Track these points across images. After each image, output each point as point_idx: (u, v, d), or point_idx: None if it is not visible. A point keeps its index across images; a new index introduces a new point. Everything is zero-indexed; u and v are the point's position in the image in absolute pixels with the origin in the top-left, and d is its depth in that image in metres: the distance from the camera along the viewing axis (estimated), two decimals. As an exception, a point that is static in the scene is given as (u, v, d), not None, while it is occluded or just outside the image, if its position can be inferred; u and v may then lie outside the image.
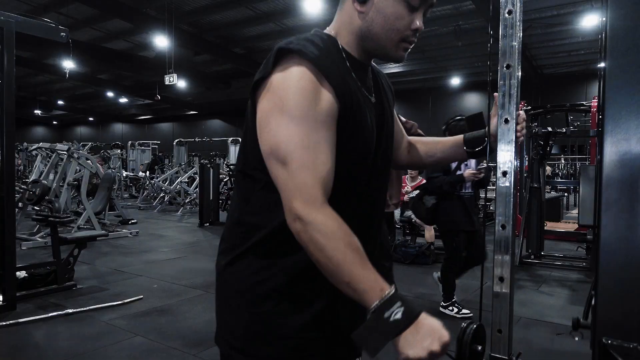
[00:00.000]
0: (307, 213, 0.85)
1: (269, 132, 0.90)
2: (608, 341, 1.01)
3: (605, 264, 1.05)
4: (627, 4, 1.01)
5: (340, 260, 0.83)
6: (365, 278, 0.83)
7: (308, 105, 0.88)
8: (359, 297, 0.83)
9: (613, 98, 1.03)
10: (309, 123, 0.87)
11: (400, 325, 0.79)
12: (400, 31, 0.96)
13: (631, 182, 1.01)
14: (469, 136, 1.25)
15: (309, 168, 0.86)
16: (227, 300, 1.03)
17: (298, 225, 0.86)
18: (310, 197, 0.86)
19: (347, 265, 0.83)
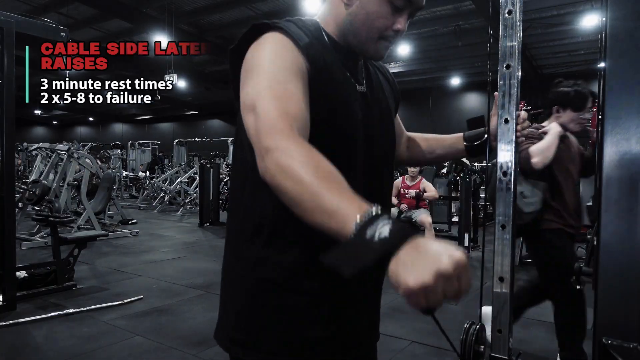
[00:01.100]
0: (274, 143, 0.76)
1: (243, 90, 0.89)
2: (608, 341, 1.01)
3: (605, 264, 1.05)
4: (627, 4, 1.01)
5: (309, 183, 0.70)
6: (340, 199, 0.68)
7: (275, 58, 0.88)
8: (336, 225, 0.66)
9: (613, 98, 1.03)
10: (280, 72, 0.86)
11: (389, 242, 0.61)
12: (380, 30, 0.96)
13: (631, 182, 1.01)
14: (470, 133, 1.26)
15: (278, 110, 0.80)
16: (229, 292, 1.02)
17: (266, 161, 0.76)
18: (277, 130, 0.78)
19: (319, 191, 0.69)
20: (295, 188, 0.71)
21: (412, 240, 0.61)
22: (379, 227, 0.62)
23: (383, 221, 0.63)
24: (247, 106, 0.86)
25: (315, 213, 0.69)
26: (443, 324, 0.81)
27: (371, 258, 0.61)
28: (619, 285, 1.03)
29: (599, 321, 1.05)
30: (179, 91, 20.35)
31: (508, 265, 1.07)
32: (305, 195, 0.70)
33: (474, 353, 0.97)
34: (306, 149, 0.75)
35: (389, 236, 0.61)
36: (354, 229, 0.63)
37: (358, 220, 0.64)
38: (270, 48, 0.89)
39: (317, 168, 0.72)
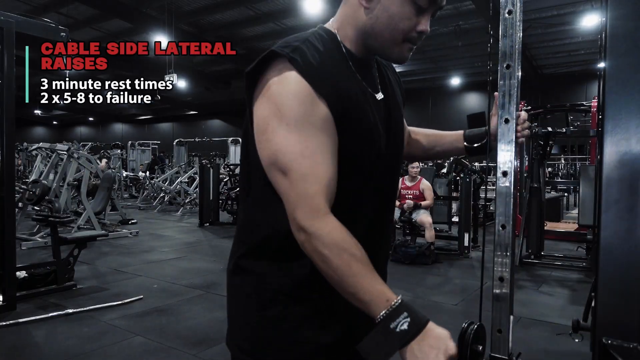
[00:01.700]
0: (310, 224, 0.84)
1: (268, 140, 0.89)
2: (608, 341, 1.01)
3: (605, 264, 1.04)
4: (627, 4, 1.01)
5: (344, 271, 0.83)
6: (370, 289, 0.83)
7: (305, 112, 0.87)
8: (365, 308, 0.83)
9: (613, 98, 1.03)
10: (307, 130, 0.86)
11: (407, 336, 0.80)
12: (404, 32, 0.94)
13: (631, 182, 1.01)
14: (469, 132, 1.25)
15: (309, 177, 0.85)
16: (236, 302, 1.03)
17: (302, 236, 0.86)
18: (312, 208, 0.85)
19: (351, 277, 0.83)
20: (331, 275, 0.84)
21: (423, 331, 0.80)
22: (400, 323, 0.80)
23: (404, 316, 0.81)
24: (275, 163, 0.88)
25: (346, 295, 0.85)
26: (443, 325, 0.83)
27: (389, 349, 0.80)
28: (619, 285, 1.03)
29: (599, 321, 1.05)
30: (179, 91, 20.36)
31: (508, 265, 1.07)
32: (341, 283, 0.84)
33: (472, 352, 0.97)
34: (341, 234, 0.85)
35: (407, 330, 0.80)
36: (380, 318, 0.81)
37: (383, 313, 0.81)
38: (296, 93, 0.87)
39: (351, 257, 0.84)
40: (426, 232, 5.86)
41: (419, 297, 4.25)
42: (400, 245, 5.78)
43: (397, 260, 5.59)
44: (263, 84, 0.90)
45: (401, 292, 4.75)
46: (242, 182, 1.05)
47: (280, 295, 0.95)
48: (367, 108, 0.97)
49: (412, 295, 4.28)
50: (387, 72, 1.11)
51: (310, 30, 0.99)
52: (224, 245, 6.79)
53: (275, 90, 0.88)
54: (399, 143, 1.10)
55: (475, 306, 1.42)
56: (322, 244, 0.84)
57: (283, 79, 0.88)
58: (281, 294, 0.95)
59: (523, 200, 5.98)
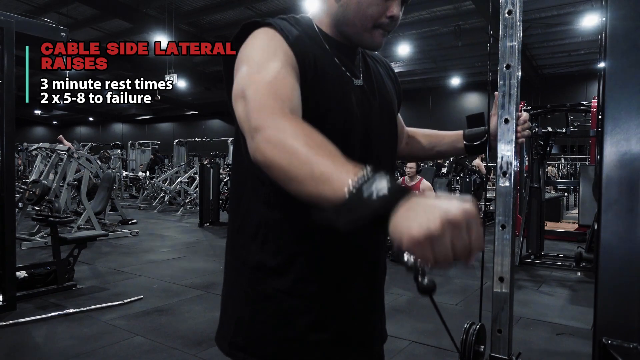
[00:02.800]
0: (263, 121, 0.75)
1: (235, 82, 0.88)
2: (608, 341, 1.01)
3: (605, 264, 1.05)
4: (627, 4, 1.01)
5: (301, 152, 0.67)
6: (335, 165, 0.65)
7: (264, 48, 0.88)
8: (332, 191, 0.62)
9: (613, 98, 1.03)
10: (265, 57, 0.86)
11: (388, 198, 0.58)
12: (374, 18, 0.94)
13: (631, 182, 1.01)
14: (470, 132, 1.26)
15: (266, 87, 0.79)
16: (231, 297, 1.02)
17: (256, 139, 0.74)
18: (268, 108, 0.76)
19: (309, 156, 0.67)
20: (286, 159, 0.68)
21: (413, 196, 0.58)
22: (376, 185, 0.59)
23: (380, 180, 0.60)
24: (236, 95, 0.84)
25: (308, 181, 0.65)
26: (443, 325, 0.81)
27: (369, 213, 0.58)
28: (619, 285, 1.03)
29: (599, 321, 1.05)
30: (179, 91, 20.37)
31: (508, 265, 1.07)
32: (296, 165, 0.67)
33: (474, 353, 0.97)
34: (297, 122, 0.74)
35: (387, 193, 0.59)
36: (350, 188, 0.60)
37: (354, 182, 0.61)
38: (259, 41, 0.90)
39: (309, 138, 0.70)
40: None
41: (419, 297, 4.25)
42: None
43: (397, 260, 5.58)
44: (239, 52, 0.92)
45: (401, 292, 4.75)
46: (232, 173, 1.05)
47: (276, 290, 0.94)
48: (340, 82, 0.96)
49: (412, 295, 4.27)
50: (375, 65, 1.11)
51: None
52: (223, 245, 6.74)
53: (245, 45, 0.91)
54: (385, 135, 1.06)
55: (475, 306, 1.42)
56: (276, 130, 0.72)
57: (254, 35, 0.91)
58: (276, 288, 0.94)
59: (523, 200, 5.98)
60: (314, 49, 0.94)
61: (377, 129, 1.02)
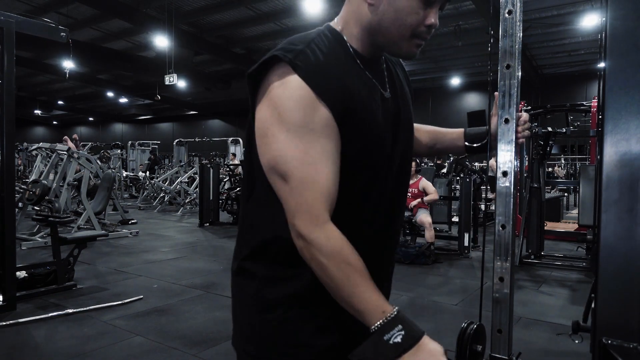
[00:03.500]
0: (308, 232, 0.84)
1: (268, 145, 0.88)
2: (608, 341, 1.01)
3: (605, 264, 1.05)
4: (627, 4, 1.01)
5: (341, 281, 0.84)
6: (366, 299, 0.83)
7: (305, 117, 0.85)
8: (361, 318, 0.84)
9: (613, 98, 1.03)
10: (308, 136, 0.85)
11: (400, 349, 0.80)
12: (412, 27, 0.92)
13: (631, 182, 1.01)
14: (470, 131, 1.25)
15: (309, 185, 0.85)
16: (240, 304, 1.02)
17: (300, 242, 0.86)
18: (311, 216, 0.85)
19: (348, 287, 0.84)
20: (328, 283, 0.86)
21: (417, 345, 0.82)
22: (394, 335, 0.81)
23: (398, 328, 0.82)
24: (275, 168, 0.88)
25: (342, 304, 0.86)
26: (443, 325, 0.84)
27: (383, 354, 0.81)
28: (619, 285, 1.03)
29: (599, 321, 1.05)
30: (179, 91, 20.38)
31: (508, 265, 1.07)
32: (338, 292, 0.85)
33: (471, 352, 0.97)
34: (339, 243, 0.85)
35: (400, 342, 0.81)
36: (374, 328, 0.83)
37: (378, 324, 0.82)
38: (298, 97, 0.86)
39: (347, 267, 0.84)
40: (426, 232, 5.86)
41: (419, 297, 4.25)
42: (400, 245, 5.78)
43: (397, 260, 5.58)
44: (265, 88, 0.89)
45: (401, 292, 4.74)
46: (244, 183, 1.04)
47: (282, 298, 0.95)
48: (374, 107, 0.95)
49: (412, 295, 4.27)
50: (395, 70, 1.10)
51: (316, 29, 0.98)
52: (224, 245, 6.80)
53: (276, 94, 0.87)
54: (407, 143, 1.07)
55: (475, 306, 1.42)
56: (320, 252, 0.84)
57: (284, 83, 0.87)
58: (283, 297, 0.95)
59: (523, 200, 5.98)
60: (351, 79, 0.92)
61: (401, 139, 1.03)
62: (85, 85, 21.54)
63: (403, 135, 1.04)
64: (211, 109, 25.14)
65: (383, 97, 0.99)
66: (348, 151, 0.91)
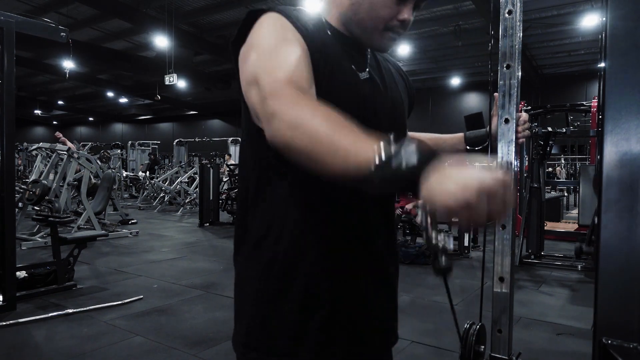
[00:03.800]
0: (279, 105, 0.74)
1: (243, 70, 0.88)
2: (608, 341, 1.01)
3: (605, 264, 1.05)
4: (627, 4, 1.01)
5: (322, 129, 0.68)
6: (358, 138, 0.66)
7: (273, 32, 0.87)
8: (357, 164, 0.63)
9: (613, 98, 1.03)
10: (274, 42, 0.85)
11: (417, 167, 0.59)
12: (385, 20, 0.94)
13: (631, 182, 1.01)
14: (470, 134, 1.24)
15: (278, 71, 0.80)
16: (242, 297, 1.01)
17: (273, 123, 0.73)
18: (283, 92, 0.76)
19: (332, 132, 0.67)
20: (306, 139, 0.69)
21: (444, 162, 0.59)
22: (404, 155, 0.60)
23: (407, 148, 0.60)
24: (248, 82, 0.85)
25: (332, 159, 0.66)
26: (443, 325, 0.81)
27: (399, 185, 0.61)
28: (619, 285, 1.03)
29: (599, 321, 1.05)
30: (179, 91, 20.37)
31: (508, 265, 1.07)
32: (318, 144, 0.67)
33: (474, 353, 0.97)
34: (313, 102, 0.75)
35: (416, 162, 0.60)
36: (376, 162, 0.61)
37: (380, 155, 0.61)
38: (267, 27, 0.88)
39: (328, 116, 0.70)
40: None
41: (419, 297, 4.25)
42: (400, 245, 5.79)
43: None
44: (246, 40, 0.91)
45: (401, 292, 4.74)
46: (240, 179, 1.04)
47: (283, 293, 0.94)
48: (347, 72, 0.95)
49: (412, 295, 4.27)
50: (386, 64, 1.10)
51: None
52: (224, 245, 6.79)
53: (253, 32, 0.89)
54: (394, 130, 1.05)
55: (475, 306, 1.42)
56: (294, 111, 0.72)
57: (261, 21, 0.89)
58: (284, 291, 0.94)
59: (523, 200, 5.98)
60: (322, 37, 0.94)
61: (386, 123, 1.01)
62: (85, 85, 21.54)
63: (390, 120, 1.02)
64: (211, 109, 25.13)
65: (358, 76, 0.98)
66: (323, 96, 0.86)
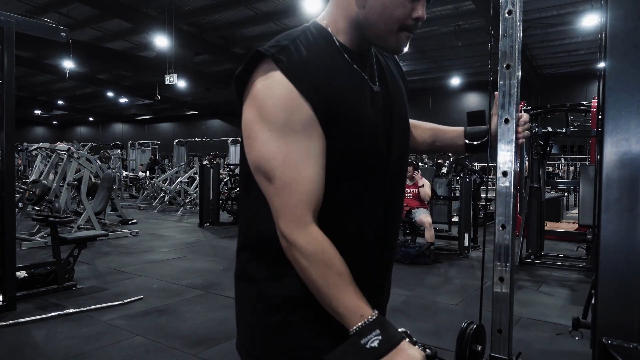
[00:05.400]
0: (290, 233, 0.85)
1: (251, 145, 0.89)
2: (608, 341, 1.01)
3: (605, 264, 1.04)
4: (627, 4, 1.01)
5: (320, 283, 0.84)
6: (345, 302, 0.83)
7: (286, 116, 0.85)
8: (341, 320, 0.84)
9: (613, 98, 1.03)
10: (290, 136, 0.85)
11: (375, 354, 0.79)
12: (399, 20, 0.91)
13: (631, 182, 1.01)
14: (471, 130, 1.24)
15: (291, 186, 0.85)
16: (243, 307, 1.02)
17: (284, 243, 0.87)
18: (293, 217, 0.85)
19: (327, 289, 0.84)
20: (309, 285, 0.86)
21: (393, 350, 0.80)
22: (371, 339, 0.80)
23: (376, 333, 0.81)
24: (259, 168, 0.88)
25: (323, 305, 0.87)
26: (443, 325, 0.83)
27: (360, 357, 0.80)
28: (619, 285, 1.03)
29: (599, 321, 1.05)
30: (179, 91, 20.37)
31: (508, 265, 1.07)
32: (318, 294, 0.86)
33: (471, 352, 0.97)
34: (321, 246, 0.86)
35: (376, 347, 0.80)
36: (352, 331, 0.82)
37: (356, 328, 0.82)
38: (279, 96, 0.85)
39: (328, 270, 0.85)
40: (426, 232, 5.86)
41: (419, 297, 4.25)
42: (400, 245, 5.78)
43: (397, 260, 5.58)
44: (250, 86, 0.89)
45: (401, 292, 4.74)
46: (242, 182, 1.03)
47: (285, 300, 0.94)
48: (363, 100, 0.94)
49: (412, 295, 4.27)
50: (387, 63, 1.09)
51: (302, 26, 0.97)
52: (224, 245, 6.80)
53: (259, 93, 0.87)
54: (402, 139, 1.05)
55: (475, 306, 1.42)
56: (301, 254, 0.85)
57: (267, 80, 0.87)
58: (285, 299, 0.94)
59: (523, 200, 5.98)
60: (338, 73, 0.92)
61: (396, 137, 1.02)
62: (85, 85, 21.54)
63: (397, 131, 1.02)
64: (211, 109, 25.13)
65: (372, 91, 0.97)
66: (338, 149, 0.90)
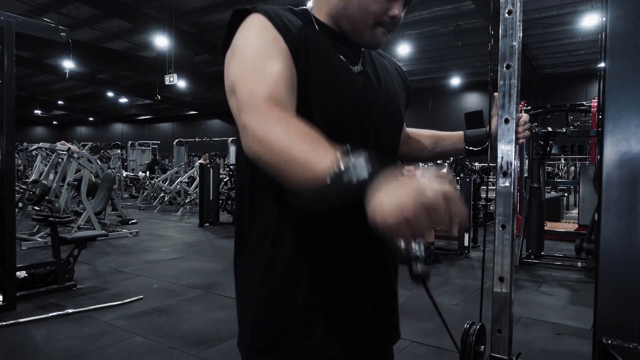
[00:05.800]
0: (250, 118, 0.77)
1: (225, 76, 0.89)
2: (608, 341, 1.01)
3: (605, 264, 1.05)
4: (627, 4, 1.01)
5: (282, 142, 0.70)
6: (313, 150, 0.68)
7: (260, 42, 0.86)
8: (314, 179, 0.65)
9: (613, 98, 1.03)
10: (255, 50, 0.86)
11: (368, 182, 0.61)
12: (375, 15, 0.93)
13: (631, 182, 1.01)
14: (471, 134, 1.24)
15: (254, 83, 0.81)
16: (245, 299, 1.01)
17: (244, 137, 0.78)
18: (254, 105, 0.79)
19: (289, 143, 0.70)
20: (269, 151, 0.72)
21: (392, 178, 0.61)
22: (356, 169, 0.62)
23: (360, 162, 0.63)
24: (228, 90, 0.87)
25: (291, 170, 0.68)
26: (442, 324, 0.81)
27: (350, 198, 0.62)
28: (619, 285, 1.03)
29: (599, 321, 1.05)
30: (179, 91, 20.38)
31: (508, 265, 1.07)
32: (278, 155, 0.70)
33: (474, 353, 0.97)
34: (280, 114, 0.76)
35: (367, 176, 0.62)
36: (331, 174, 0.63)
37: (334, 166, 0.63)
38: (249, 31, 0.88)
39: (291, 127, 0.73)
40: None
41: (419, 297, 4.25)
42: (400, 245, 5.78)
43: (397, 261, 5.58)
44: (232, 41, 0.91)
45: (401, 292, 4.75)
46: (236, 173, 1.04)
47: (289, 289, 0.93)
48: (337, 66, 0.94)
49: (412, 295, 4.27)
50: (381, 59, 1.10)
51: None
52: (224, 245, 6.79)
53: (237, 35, 0.90)
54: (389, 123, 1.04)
55: (475, 306, 1.42)
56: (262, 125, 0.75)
57: (245, 24, 0.90)
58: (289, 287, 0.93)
59: (523, 200, 5.98)
60: (309, 33, 0.93)
61: (381, 116, 1.00)
62: (85, 85, 21.54)
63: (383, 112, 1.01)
64: (211, 109, 25.13)
65: (349, 70, 0.97)
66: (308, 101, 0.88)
